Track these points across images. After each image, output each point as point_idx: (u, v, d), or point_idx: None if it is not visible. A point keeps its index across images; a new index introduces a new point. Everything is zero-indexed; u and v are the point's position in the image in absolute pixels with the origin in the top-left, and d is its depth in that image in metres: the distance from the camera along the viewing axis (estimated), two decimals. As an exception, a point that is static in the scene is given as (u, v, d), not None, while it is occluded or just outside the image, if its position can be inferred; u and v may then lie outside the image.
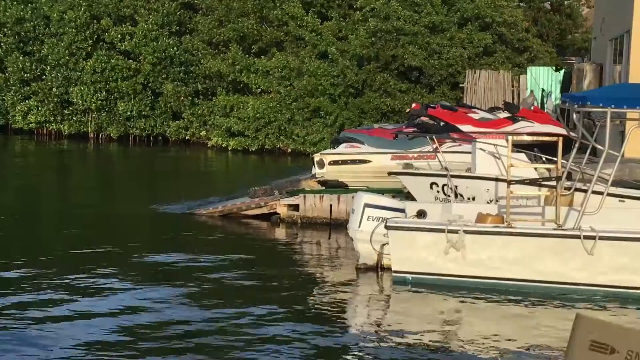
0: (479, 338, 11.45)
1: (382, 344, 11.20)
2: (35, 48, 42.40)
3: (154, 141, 41.61)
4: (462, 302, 13.33)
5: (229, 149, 38.50)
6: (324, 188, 21.42)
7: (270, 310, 12.52)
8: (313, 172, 22.08)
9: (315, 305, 13.01)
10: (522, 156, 17.02)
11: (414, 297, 13.60)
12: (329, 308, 12.87)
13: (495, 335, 11.62)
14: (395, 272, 14.27)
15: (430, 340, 11.28)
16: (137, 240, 18.67)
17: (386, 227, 14.17)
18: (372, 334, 11.81)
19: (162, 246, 17.50)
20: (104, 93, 40.79)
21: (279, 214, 20.99)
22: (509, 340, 11.41)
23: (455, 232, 13.76)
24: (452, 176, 17.69)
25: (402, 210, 15.02)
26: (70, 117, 41.97)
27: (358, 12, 38.86)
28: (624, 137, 16.08)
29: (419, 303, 13.37)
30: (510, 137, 14.48)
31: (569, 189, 15.23)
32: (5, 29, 42.61)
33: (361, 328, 12.18)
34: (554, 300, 13.31)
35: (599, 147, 14.11)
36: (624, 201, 16.18)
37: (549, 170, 16.29)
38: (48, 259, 15.67)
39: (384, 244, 14.71)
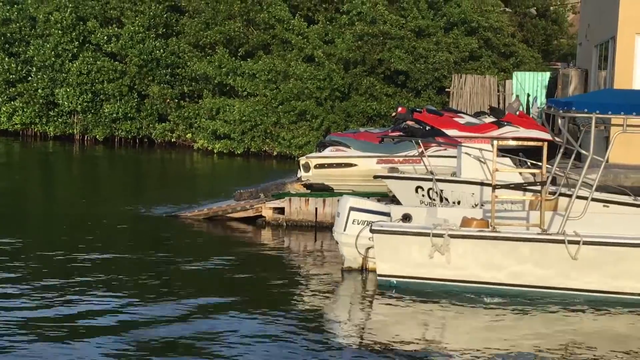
0: (463, 342, 11.49)
1: (365, 348, 11.21)
2: (21, 49, 42.28)
3: (139, 143, 41.53)
4: (447, 306, 13.35)
5: (215, 151, 38.46)
6: (309, 191, 21.43)
7: (255, 313, 12.52)
8: (299, 176, 22.08)
9: (300, 309, 13.01)
10: (507, 161, 17.09)
11: (399, 301, 13.61)
12: (314, 311, 12.88)
13: (480, 339, 11.66)
14: (380, 275, 14.29)
15: (414, 344, 11.30)
16: (120, 242, 18.61)
17: (371, 231, 14.19)
18: (355, 337, 11.82)
19: (146, 248, 17.47)
20: (90, 95, 40.69)
21: (265, 216, 20.99)
22: (493, 344, 11.43)
23: (440, 236, 13.79)
24: (438, 180, 17.74)
25: (388, 214, 15.05)
26: (55, 118, 41.85)
27: (344, 16, 38.88)
28: (608, 143, 16.18)
29: (403, 307, 13.38)
30: (495, 142, 14.52)
31: (553, 193, 15.30)
32: (-9, 30, 42.52)
33: (345, 331, 12.18)
34: (538, 305, 13.34)
35: (584, 152, 14.16)
36: (608, 206, 16.26)
37: (533, 175, 16.37)
38: (28, 262, 15.60)
39: (369, 248, 14.74)
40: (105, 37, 41.05)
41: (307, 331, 11.75)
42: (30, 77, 41.72)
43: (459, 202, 17.54)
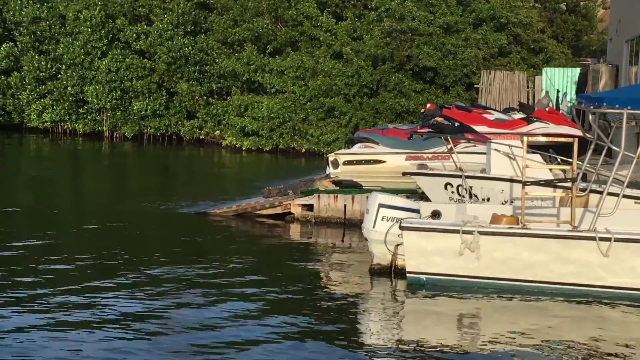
0: (493, 339, 11.42)
1: (395, 345, 11.19)
2: (50, 47, 42.53)
3: (168, 140, 41.67)
4: (477, 303, 13.29)
5: (243, 148, 38.52)
6: (338, 188, 21.39)
7: (284, 311, 12.51)
8: (327, 172, 22.06)
9: (329, 306, 12.98)
10: (537, 157, 16.98)
11: (428, 298, 13.56)
12: (343, 309, 12.85)
13: (510, 336, 11.58)
14: (410, 272, 14.24)
15: (444, 342, 11.25)
16: (149, 240, 18.69)
17: (400, 228, 14.14)
18: (386, 334, 11.79)
19: (175, 246, 17.50)
20: (119, 92, 40.88)
21: (293, 213, 20.98)
22: (524, 341, 11.36)
23: (470, 232, 13.72)
24: (467, 177, 17.66)
25: (417, 211, 14.97)
26: (85, 116, 42.08)
27: (373, 12, 38.83)
28: (639, 139, 16.01)
29: (433, 304, 13.33)
30: (525, 138, 14.42)
31: (584, 190, 15.17)
32: (21, 28, 42.77)
33: (375, 329, 12.15)
34: (568, 302, 13.25)
35: (615, 148, 14.04)
36: (639, 203, 16.10)
37: (564, 171, 16.26)
38: (57, 259, 15.66)
39: (398, 245, 14.67)
40: (134, 35, 41.23)
41: (337, 329, 11.73)
42: (59, 75, 41.96)
43: (488, 199, 17.45)
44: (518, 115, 22.71)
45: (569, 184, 14.47)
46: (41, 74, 41.97)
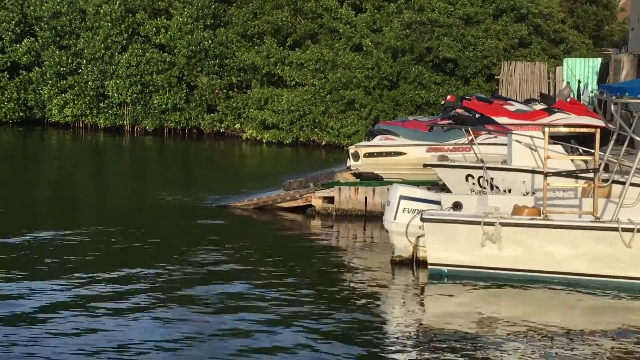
0: (514, 331, 11.40)
1: (418, 336, 11.20)
2: (71, 42, 42.63)
3: (188, 134, 41.73)
4: (498, 294, 13.26)
5: (264, 141, 38.53)
6: (359, 180, 21.38)
7: (306, 302, 12.54)
8: (348, 165, 22.05)
9: (351, 298, 13.00)
10: (559, 148, 16.91)
11: (450, 290, 13.55)
12: (365, 300, 12.85)
13: (533, 327, 11.55)
14: (431, 264, 14.23)
15: (467, 332, 11.24)
16: (171, 232, 18.75)
17: (422, 220, 14.13)
18: (408, 326, 11.79)
19: (196, 238, 17.55)
20: (139, 86, 40.95)
21: (314, 206, 20.99)
22: (547, 332, 11.34)
23: (492, 224, 13.69)
24: (488, 168, 17.60)
25: (438, 203, 14.96)
26: (105, 110, 42.17)
27: (392, 4, 38.74)
28: (662, 129, 15.89)
29: (455, 295, 13.32)
30: (546, 129, 14.37)
31: (606, 180, 15.08)
32: (42, 23, 42.89)
33: (397, 320, 12.16)
34: (591, 293, 13.21)
35: (637, 138, 13.97)
36: (662, 193, 15.99)
37: (586, 162, 16.19)
38: (78, 252, 15.76)
39: (419, 236, 14.66)
40: (154, 29, 41.28)
41: (358, 321, 11.73)
42: (80, 70, 42.06)
43: (509, 190, 17.39)
44: (539, 106, 22.61)
45: (591, 175, 14.41)
46: (62, 69, 42.09)
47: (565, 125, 19.00)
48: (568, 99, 23.79)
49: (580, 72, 32.45)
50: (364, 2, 39.99)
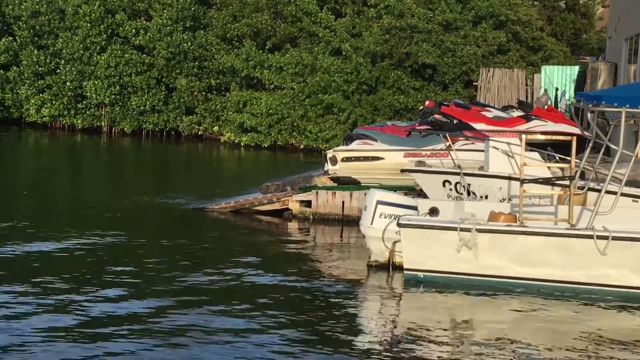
0: (490, 337, 11.43)
1: (391, 342, 11.21)
2: (49, 42, 42.45)
3: (166, 136, 41.65)
4: (474, 301, 13.30)
5: (242, 144, 38.50)
6: (336, 185, 21.39)
7: (280, 306, 12.52)
8: (325, 169, 22.05)
9: (326, 302, 12.99)
10: (536, 155, 16.98)
11: (426, 296, 13.58)
12: (340, 305, 12.85)
13: (507, 334, 11.59)
14: (407, 270, 14.25)
15: (441, 339, 11.26)
16: (146, 234, 18.67)
17: (398, 225, 14.15)
18: (382, 331, 11.81)
19: (172, 241, 17.48)
20: (118, 87, 40.84)
21: (291, 209, 20.99)
22: (521, 339, 11.38)
23: (468, 230, 13.73)
24: (465, 174, 17.66)
25: (415, 208, 14.99)
26: (83, 111, 42.01)
27: (372, 9, 38.85)
28: (638, 137, 16.03)
29: (430, 301, 13.34)
30: (523, 136, 14.44)
31: (582, 188, 15.17)
32: (20, 22, 42.70)
33: (371, 326, 12.17)
34: (565, 300, 13.26)
35: (613, 146, 14.04)
36: (637, 201, 16.09)
37: (562, 169, 16.25)
38: (57, 251, 15.69)
39: (395, 242, 14.69)
40: (133, 30, 41.18)
41: (333, 325, 11.73)
42: (58, 70, 41.89)
43: (486, 197, 17.44)
44: (517, 113, 22.70)
45: (567, 182, 14.47)
46: (40, 69, 41.91)
47: (542, 133, 19.07)
48: (545, 107, 23.88)
49: (557, 79, 32.64)
50: (344, 6, 40.06)
